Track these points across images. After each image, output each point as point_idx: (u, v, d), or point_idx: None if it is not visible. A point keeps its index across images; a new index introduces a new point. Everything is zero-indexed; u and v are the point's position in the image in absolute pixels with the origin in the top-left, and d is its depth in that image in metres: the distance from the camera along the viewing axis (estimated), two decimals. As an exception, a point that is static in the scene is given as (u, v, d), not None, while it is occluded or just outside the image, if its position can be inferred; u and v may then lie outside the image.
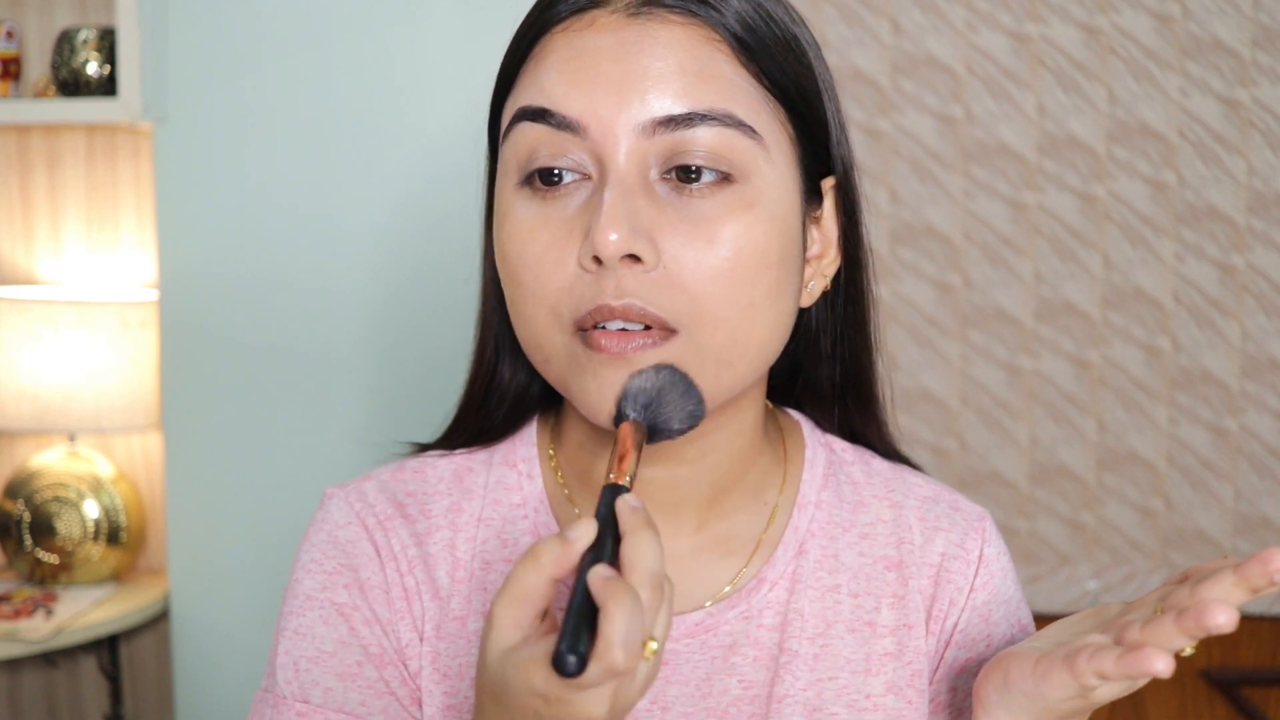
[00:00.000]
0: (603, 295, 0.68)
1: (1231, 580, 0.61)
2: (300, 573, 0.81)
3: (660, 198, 0.70)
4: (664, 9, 0.70)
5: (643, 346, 0.69)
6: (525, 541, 0.80)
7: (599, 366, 0.70)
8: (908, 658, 0.80)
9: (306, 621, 0.79)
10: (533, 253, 0.71)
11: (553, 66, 0.71)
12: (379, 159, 1.99)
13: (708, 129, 0.69)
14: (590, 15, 0.71)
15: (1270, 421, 2.20)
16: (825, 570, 0.81)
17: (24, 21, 2.23)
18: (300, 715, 0.77)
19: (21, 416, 2.08)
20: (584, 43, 0.70)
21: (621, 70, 0.69)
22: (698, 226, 0.69)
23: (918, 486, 0.85)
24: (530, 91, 0.72)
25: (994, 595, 0.82)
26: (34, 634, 1.94)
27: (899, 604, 0.80)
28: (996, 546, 0.84)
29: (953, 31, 2.17)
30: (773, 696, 0.77)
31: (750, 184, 0.71)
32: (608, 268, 0.68)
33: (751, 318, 0.71)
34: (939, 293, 2.20)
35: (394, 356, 2.02)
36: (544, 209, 0.71)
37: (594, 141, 0.70)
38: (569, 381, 0.72)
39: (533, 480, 0.82)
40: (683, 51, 0.70)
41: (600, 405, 0.70)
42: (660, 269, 0.69)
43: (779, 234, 0.72)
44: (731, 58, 0.71)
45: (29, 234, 2.28)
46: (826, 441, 0.86)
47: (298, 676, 0.77)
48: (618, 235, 0.67)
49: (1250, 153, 2.17)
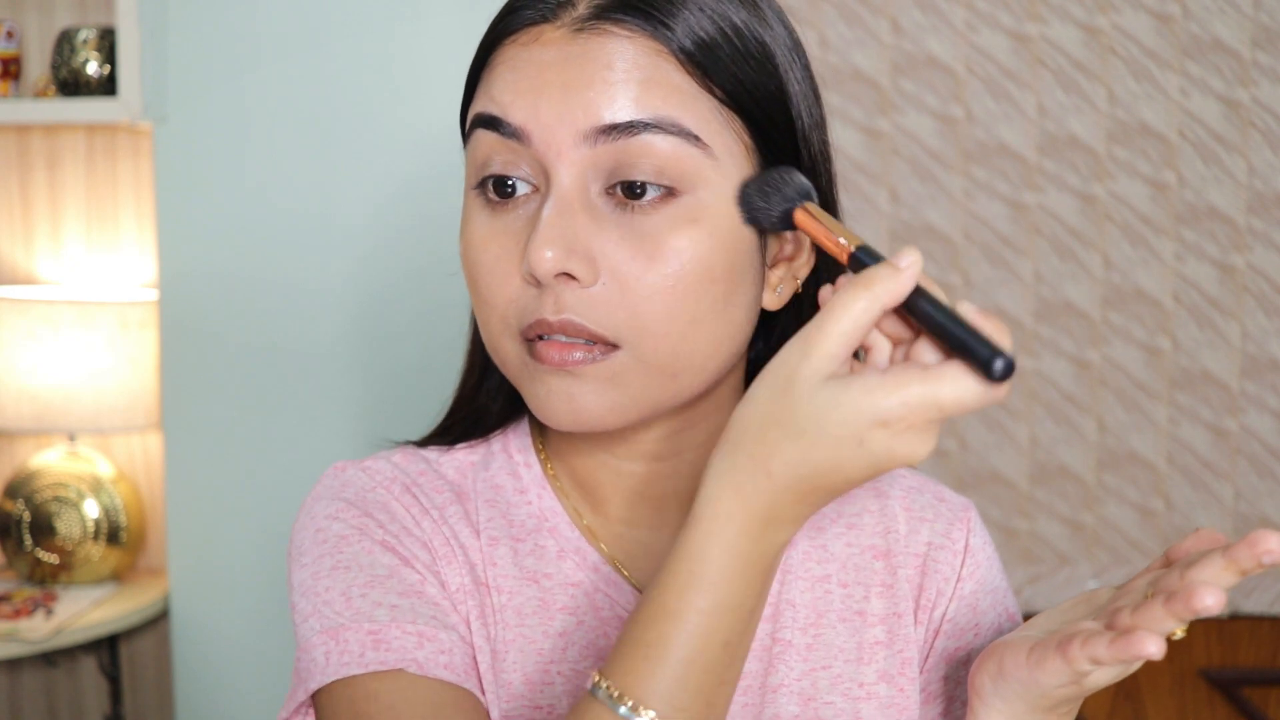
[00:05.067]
0: (542, 310, 0.70)
1: (1221, 563, 0.62)
2: (322, 520, 0.79)
3: (602, 213, 0.70)
4: (610, 23, 0.71)
5: (583, 361, 0.70)
6: (531, 523, 0.81)
7: (544, 375, 0.71)
8: (898, 646, 0.81)
9: (347, 556, 0.76)
10: (485, 263, 0.73)
11: (500, 76, 0.73)
12: (378, 159, 1.99)
13: (652, 137, 0.69)
14: (538, 29, 0.72)
15: (1270, 421, 2.20)
16: (814, 561, 0.82)
17: (24, 21, 2.23)
18: (371, 634, 0.73)
19: (21, 416, 2.08)
20: (530, 55, 0.72)
21: (565, 79, 0.70)
22: (639, 243, 0.70)
23: (901, 477, 0.86)
24: (483, 99, 0.74)
25: (980, 585, 0.83)
26: (34, 634, 1.94)
27: (888, 593, 0.82)
28: (981, 536, 0.85)
29: (953, 31, 2.17)
30: (766, 686, 0.78)
31: (695, 197, 0.70)
32: (545, 284, 0.70)
33: (695, 332, 0.71)
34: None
35: (393, 356, 2.02)
36: (495, 220, 0.73)
37: (538, 150, 0.71)
38: (522, 386, 0.74)
39: (530, 469, 0.83)
40: (628, 61, 0.70)
41: (547, 411, 0.72)
42: (599, 285, 0.69)
43: (726, 247, 0.71)
44: (679, 68, 0.71)
45: (29, 234, 2.28)
46: None
47: (351, 604, 0.74)
48: (552, 254, 0.68)
49: (1250, 153, 2.17)
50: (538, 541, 0.80)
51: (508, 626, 0.79)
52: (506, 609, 0.79)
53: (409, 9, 1.97)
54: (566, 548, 0.80)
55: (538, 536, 0.81)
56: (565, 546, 0.80)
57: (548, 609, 0.79)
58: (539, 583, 0.79)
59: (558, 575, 0.79)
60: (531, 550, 0.80)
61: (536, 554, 0.80)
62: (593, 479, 0.81)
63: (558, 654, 0.78)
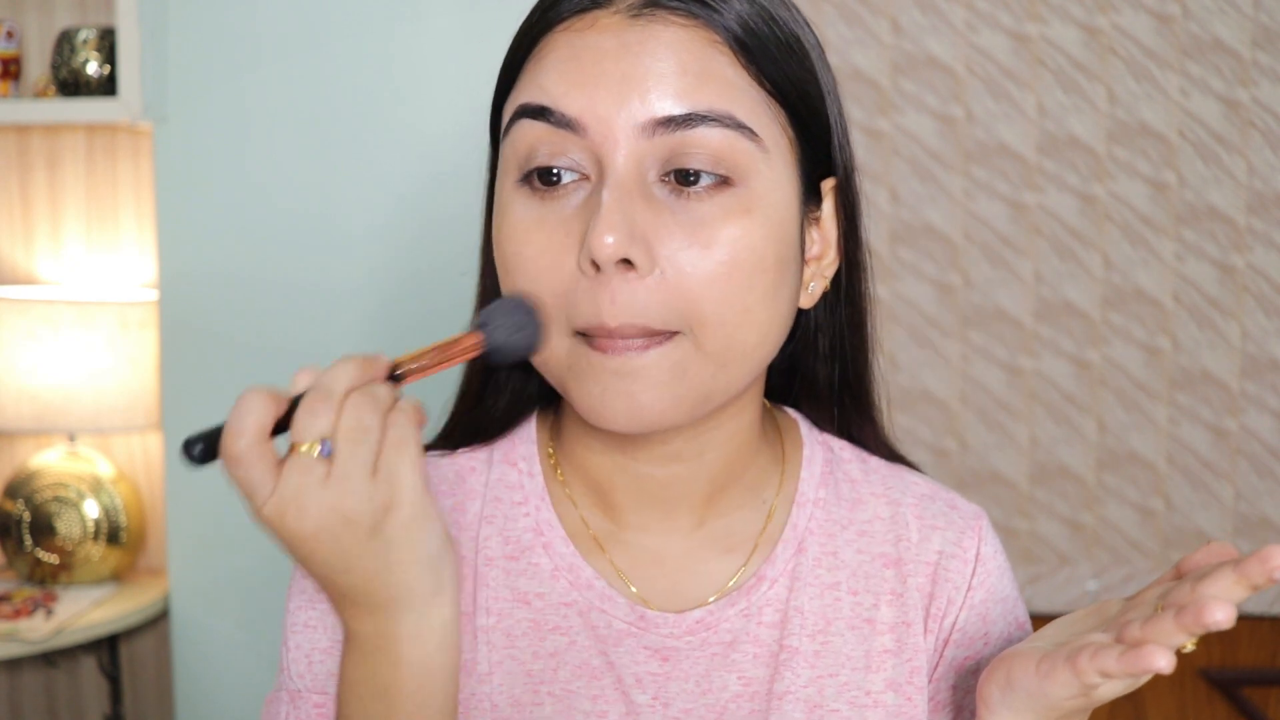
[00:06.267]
0: (600, 313, 0.69)
1: (1231, 578, 0.61)
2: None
3: (658, 200, 0.70)
4: (666, 10, 0.70)
5: (646, 346, 0.69)
6: (527, 539, 0.80)
7: (599, 374, 0.70)
8: (907, 655, 0.80)
9: (316, 614, 0.79)
10: (529, 253, 0.71)
11: (553, 65, 0.71)
12: (379, 158, 1.99)
13: (708, 130, 0.69)
14: (592, 15, 0.71)
15: (1270, 421, 2.20)
16: (824, 568, 0.81)
17: (24, 21, 2.23)
18: (318, 706, 0.77)
19: (21, 416, 2.08)
20: (585, 42, 0.70)
21: (622, 70, 0.69)
22: (695, 230, 0.69)
23: (915, 485, 0.86)
24: (530, 89, 0.72)
25: (991, 594, 0.83)
26: (34, 634, 1.94)
27: (898, 601, 0.81)
28: (993, 545, 0.85)
29: (953, 31, 2.17)
30: (773, 693, 0.78)
31: (748, 187, 0.71)
32: (604, 274, 0.68)
33: (748, 321, 0.71)
34: (939, 293, 2.20)
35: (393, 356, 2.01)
36: (541, 208, 0.71)
37: (593, 141, 0.70)
38: (568, 383, 0.73)
39: (533, 478, 0.82)
40: (684, 52, 0.70)
41: (602, 409, 0.71)
42: (656, 273, 0.69)
43: (776, 238, 0.72)
44: (733, 59, 0.71)
45: (29, 234, 2.28)
46: (824, 440, 0.87)
47: (311, 669, 0.78)
48: (614, 239, 0.67)
49: (1250, 153, 2.17)
50: (531, 559, 0.80)
51: (495, 648, 0.78)
52: (496, 630, 0.79)
53: (409, 9, 1.97)
54: (560, 565, 0.80)
55: (532, 554, 0.80)
56: (559, 564, 0.80)
57: (539, 630, 0.79)
58: (530, 604, 0.79)
59: (551, 595, 0.79)
60: (525, 569, 0.80)
61: (530, 573, 0.80)
62: (608, 483, 0.80)
63: (548, 674, 0.78)
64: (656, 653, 0.78)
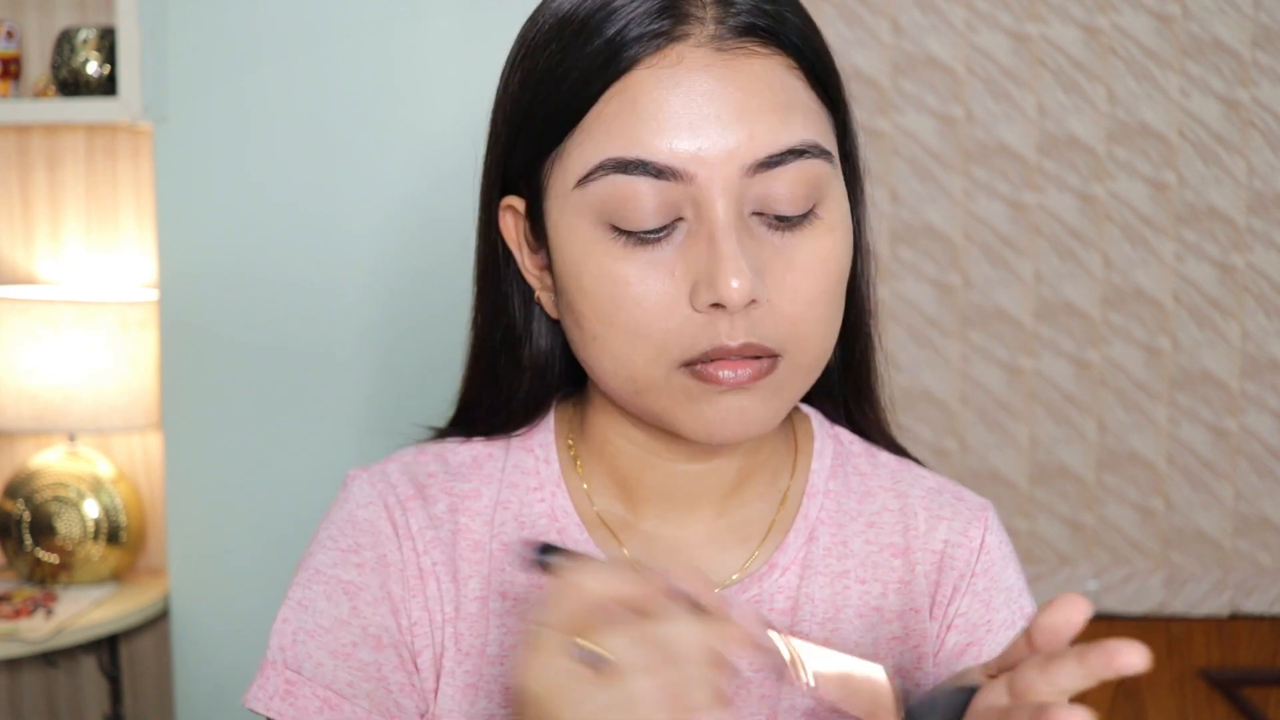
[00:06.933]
0: (719, 337, 0.70)
1: (1076, 669, 0.57)
2: (314, 547, 0.83)
3: (758, 235, 0.71)
4: (748, 38, 0.71)
5: (757, 375, 0.71)
6: (542, 524, 0.82)
7: (715, 396, 0.72)
8: (913, 641, 0.82)
9: (311, 595, 0.80)
10: (635, 298, 0.71)
11: (647, 114, 0.69)
12: (379, 158, 1.99)
13: (801, 163, 0.71)
14: (676, 51, 0.70)
15: (1270, 421, 2.20)
16: (834, 557, 0.83)
17: (24, 21, 2.23)
18: (288, 684, 0.78)
19: (21, 416, 2.08)
20: (676, 82, 0.69)
21: (718, 112, 0.69)
22: (792, 259, 0.72)
23: (923, 478, 0.88)
24: (620, 142, 0.70)
25: (994, 582, 0.84)
26: (34, 634, 1.94)
27: (905, 589, 0.83)
28: (998, 535, 0.86)
29: (953, 31, 2.17)
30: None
31: (828, 208, 0.73)
32: (729, 311, 0.70)
33: (832, 331, 0.75)
34: (939, 293, 2.20)
35: (394, 356, 2.02)
36: (640, 253, 0.71)
37: (697, 188, 0.70)
38: (673, 410, 0.74)
39: (549, 465, 0.83)
40: (772, 84, 0.71)
41: (717, 428, 0.73)
42: (765, 303, 0.71)
43: (849, 246, 0.75)
44: (806, 83, 0.73)
45: (29, 234, 2.28)
46: (835, 433, 0.88)
47: (293, 647, 0.79)
48: (740, 283, 0.68)
49: (1250, 153, 2.17)
50: None
51: (510, 631, 0.80)
52: (511, 614, 0.80)
53: (409, 9, 1.97)
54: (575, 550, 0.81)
55: (547, 539, 0.81)
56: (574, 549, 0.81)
57: None
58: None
59: None
60: None
61: None
62: (633, 479, 0.82)
63: None
64: None
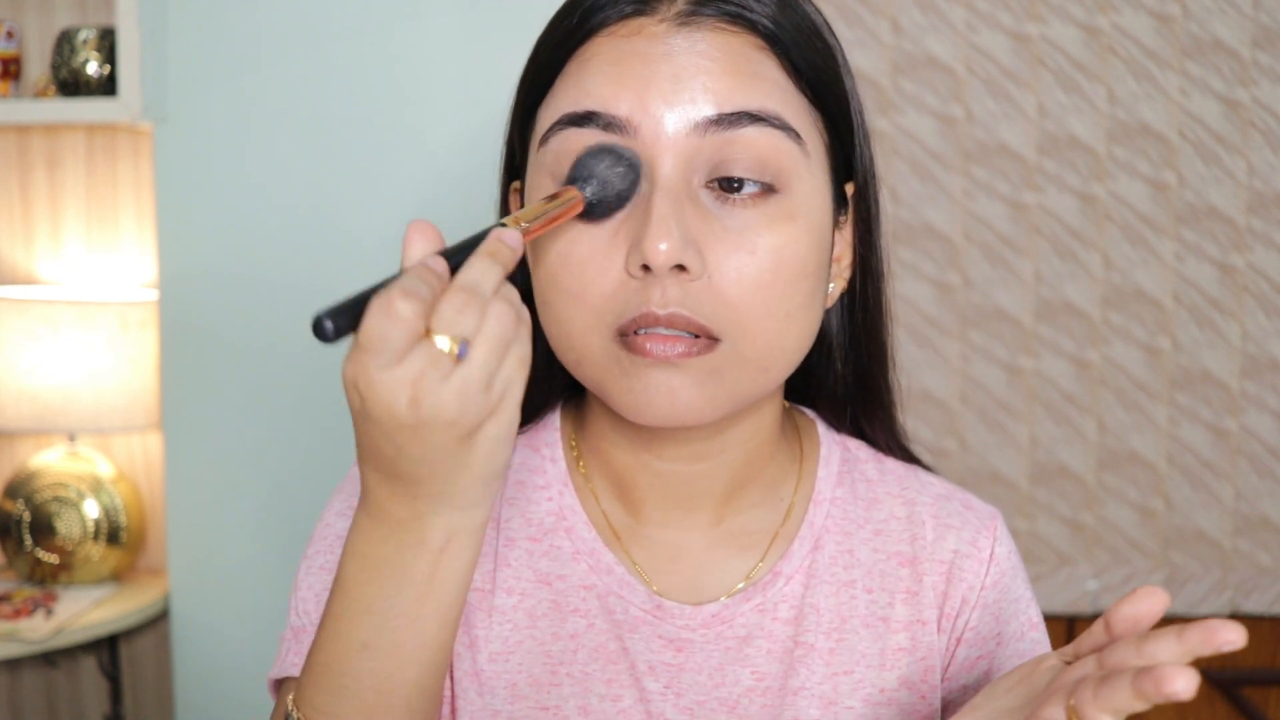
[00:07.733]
0: (648, 303, 0.69)
1: (1175, 646, 0.56)
2: (331, 515, 0.83)
3: (705, 207, 0.70)
4: (710, 16, 0.71)
5: (687, 353, 0.70)
6: (549, 522, 0.82)
7: (642, 370, 0.70)
8: (921, 653, 0.81)
9: (333, 559, 0.80)
10: (575, 257, 0.71)
11: (598, 69, 0.71)
12: (379, 158, 1.99)
13: (755, 130, 0.70)
14: (637, 22, 0.71)
15: (1270, 421, 2.20)
16: (841, 566, 0.82)
17: (24, 21, 2.23)
18: None
19: (21, 416, 2.08)
20: (633, 47, 0.71)
21: (672, 70, 0.70)
22: (741, 237, 0.70)
23: (930, 485, 0.87)
24: (573, 96, 0.72)
25: (1005, 593, 0.83)
26: (34, 634, 1.94)
27: (913, 599, 0.82)
28: (1007, 545, 0.85)
29: (953, 31, 2.17)
30: (786, 688, 0.79)
31: (791, 194, 0.71)
32: (655, 276, 0.69)
33: (788, 326, 0.72)
34: (939, 293, 2.20)
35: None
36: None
37: (642, 143, 0.70)
38: (606, 383, 0.73)
39: (555, 464, 0.83)
40: (731, 55, 0.71)
41: (643, 407, 0.71)
42: (705, 278, 0.69)
43: (816, 244, 0.73)
44: (776, 64, 0.72)
45: (29, 234, 2.28)
46: (841, 440, 0.88)
47: (319, 607, 0.79)
48: (668, 245, 0.68)
49: (1250, 153, 2.17)
50: (553, 542, 0.81)
51: (517, 627, 0.79)
52: (518, 610, 0.80)
53: (409, 9, 1.97)
54: (581, 549, 0.81)
55: (554, 536, 0.81)
56: (580, 548, 0.81)
57: (560, 611, 0.80)
58: (552, 585, 0.80)
59: (572, 577, 0.80)
60: (547, 551, 0.81)
61: (551, 555, 0.81)
62: (630, 479, 0.81)
63: (567, 656, 0.79)
64: (671, 642, 0.79)
